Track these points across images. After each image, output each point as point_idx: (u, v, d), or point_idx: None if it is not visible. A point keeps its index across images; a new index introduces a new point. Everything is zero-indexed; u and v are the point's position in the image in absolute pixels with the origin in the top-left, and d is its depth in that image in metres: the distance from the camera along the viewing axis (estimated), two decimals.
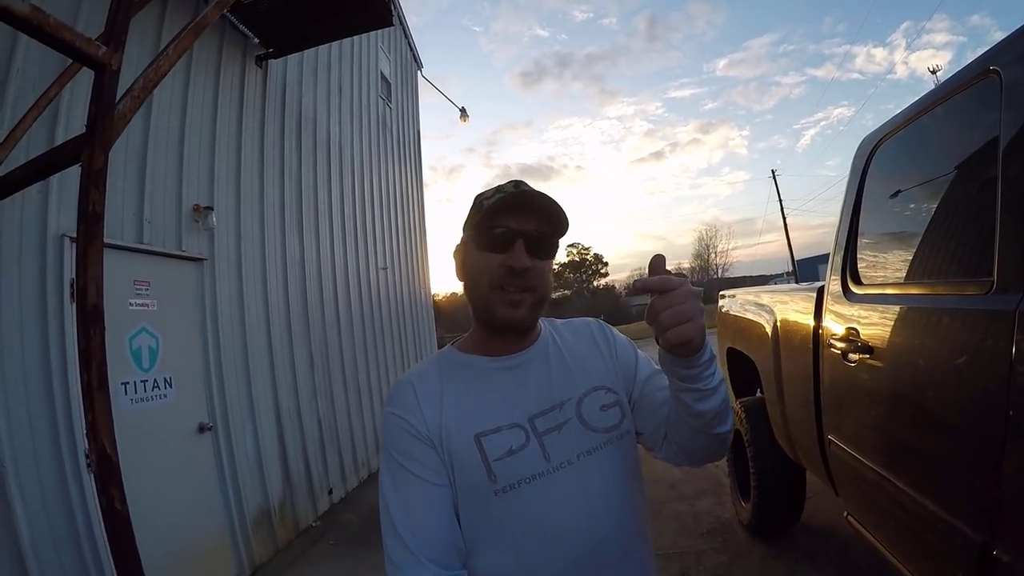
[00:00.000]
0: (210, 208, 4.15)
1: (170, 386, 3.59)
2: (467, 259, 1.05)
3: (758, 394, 3.43)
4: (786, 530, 3.42)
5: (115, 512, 1.33)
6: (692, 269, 65.61)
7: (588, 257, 59.06)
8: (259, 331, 4.76)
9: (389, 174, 8.78)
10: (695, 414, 0.91)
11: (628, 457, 1.05)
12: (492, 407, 1.01)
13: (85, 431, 1.47)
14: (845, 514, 2.19)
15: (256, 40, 5.04)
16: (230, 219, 4.54)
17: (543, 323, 1.14)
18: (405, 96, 10.13)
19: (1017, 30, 1.34)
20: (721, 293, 4.22)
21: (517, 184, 1.02)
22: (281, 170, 5.44)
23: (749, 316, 3.26)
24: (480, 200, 1.04)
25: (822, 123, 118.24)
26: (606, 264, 60.08)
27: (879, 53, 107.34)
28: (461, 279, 1.08)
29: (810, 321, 2.36)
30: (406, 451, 0.98)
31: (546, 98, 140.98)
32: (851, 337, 1.90)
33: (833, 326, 2.09)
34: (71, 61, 2.77)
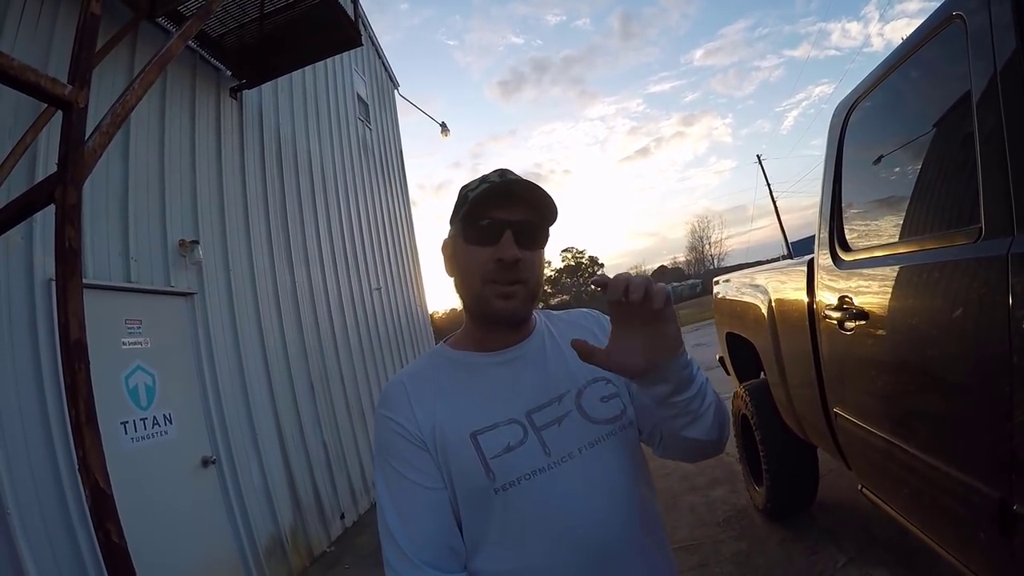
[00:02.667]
0: (196, 242, 4.14)
1: (170, 422, 3.56)
2: (456, 254, 1.01)
3: (761, 376, 3.41)
4: (803, 511, 3.37)
5: (113, 546, 1.31)
6: (688, 262, 65.90)
7: (583, 260, 59.10)
8: (256, 361, 4.74)
9: (374, 194, 8.79)
10: (699, 416, 0.92)
11: (632, 448, 1.02)
12: (487, 404, 0.98)
13: (77, 467, 1.44)
14: (859, 487, 2.16)
15: (228, 72, 5.06)
16: (217, 251, 4.53)
17: (538, 315, 1.11)
18: (384, 116, 10.18)
19: None
20: (715, 280, 4.22)
21: (503, 173, 0.99)
22: (265, 199, 5.44)
23: (744, 298, 3.24)
24: (465, 192, 1.00)
25: (804, 103, 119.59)
26: (602, 266, 60.03)
27: (853, 27, 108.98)
28: (451, 274, 1.05)
29: (803, 296, 2.35)
30: (398, 454, 0.95)
31: (527, 105, 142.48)
32: (845, 305, 1.88)
33: (826, 297, 2.07)
34: (44, 107, 2.79)
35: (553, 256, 58.61)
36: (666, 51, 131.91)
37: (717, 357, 4.36)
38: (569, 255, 58.79)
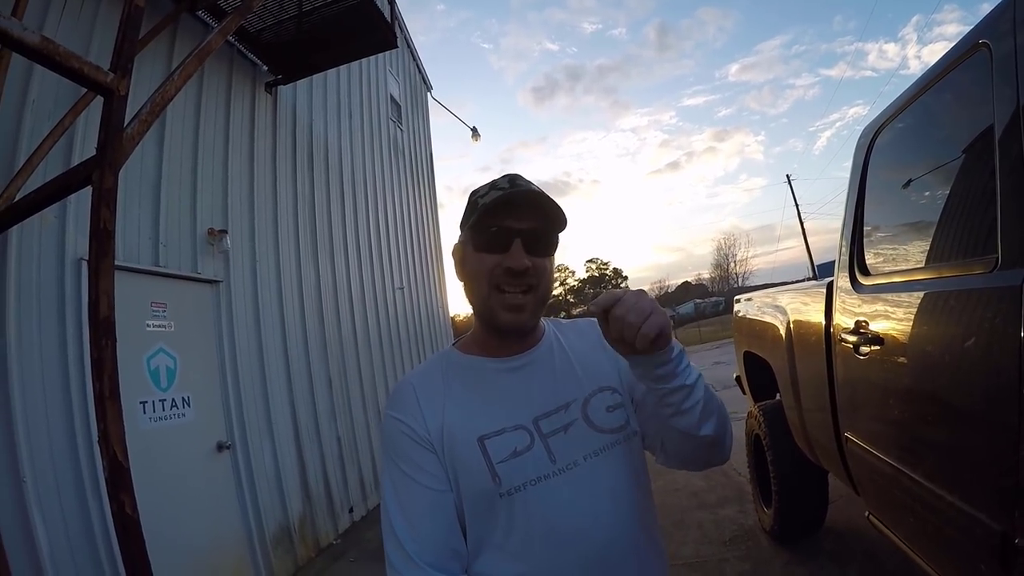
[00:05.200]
0: (224, 231, 4.23)
1: (188, 405, 3.64)
2: (465, 260, 1.03)
3: (776, 398, 3.38)
4: (810, 535, 3.33)
5: (126, 517, 1.35)
6: (712, 279, 65.27)
7: (607, 272, 58.88)
8: (276, 351, 4.82)
9: (403, 195, 8.88)
10: (683, 412, 0.90)
11: (635, 458, 1.03)
12: (495, 409, 0.99)
13: (96, 439, 1.50)
14: (867, 513, 2.13)
15: (265, 67, 5.17)
16: (244, 242, 4.62)
17: (547, 323, 1.12)
18: (416, 118, 10.28)
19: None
20: (736, 298, 4.19)
21: (512, 180, 0.99)
22: (294, 193, 5.54)
23: (763, 318, 3.22)
24: (475, 198, 1.01)
25: (837, 124, 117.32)
26: (625, 278, 59.77)
27: (891, 48, 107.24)
28: (461, 279, 1.06)
29: (821, 318, 2.33)
30: (406, 455, 0.97)
31: (559, 113, 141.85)
32: (861, 330, 1.87)
33: (844, 320, 2.06)
34: (83, 92, 2.89)
35: (577, 266, 58.46)
36: (701, 64, 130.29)
37: (734, 376, 4.33)
38: (593, 266, 58.69)
